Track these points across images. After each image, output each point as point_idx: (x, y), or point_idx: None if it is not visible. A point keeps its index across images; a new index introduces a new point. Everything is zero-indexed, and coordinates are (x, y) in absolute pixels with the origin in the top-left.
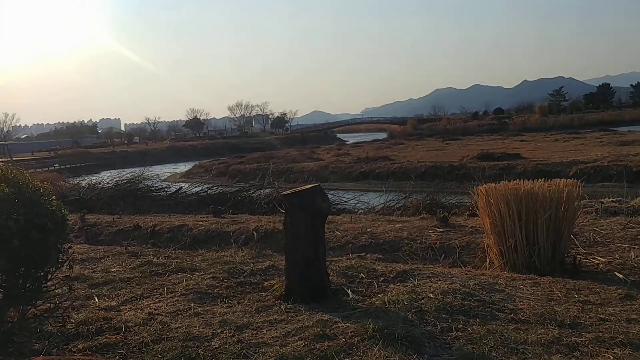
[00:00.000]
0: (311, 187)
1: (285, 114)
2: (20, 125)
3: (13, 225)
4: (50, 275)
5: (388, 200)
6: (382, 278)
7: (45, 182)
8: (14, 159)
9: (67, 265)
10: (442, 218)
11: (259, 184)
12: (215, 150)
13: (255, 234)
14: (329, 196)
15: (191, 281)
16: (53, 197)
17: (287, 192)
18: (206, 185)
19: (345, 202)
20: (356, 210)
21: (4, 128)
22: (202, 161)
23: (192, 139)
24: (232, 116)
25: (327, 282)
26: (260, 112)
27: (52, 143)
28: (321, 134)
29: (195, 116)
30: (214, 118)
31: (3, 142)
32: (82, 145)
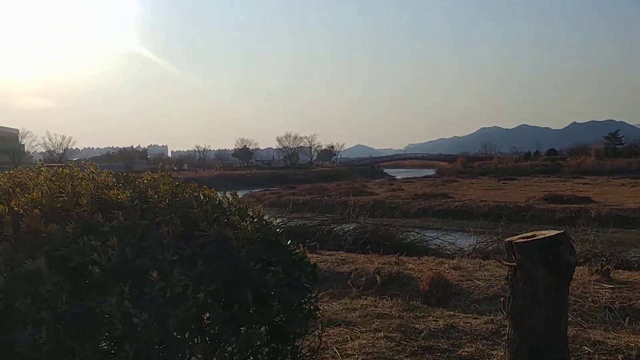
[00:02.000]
0: (554, 234)
1: (332, 146)
2: (72, 148)
3: (270, 281)
4: (300, 351)
5: (479, 241)
6: (620, 355)
7: None
8: None
9: (316, 333)
10: (604, 271)
11: (341, 217)
12: (264, 180)
13: (378, 277)
14: (413, 234)
15: (361, 341)
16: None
17: (518, 238)
18: (285, 217)
19: (428, 240)
20: (443, 250)
21: (59, 150)
22: (252, 190)
23: (240, 167)
24: (279, 147)
25: None
26: (307, 144)
27: (105, 167)
28: (368, 167)
29: (245, 145)
30: (258, 148)
31: (60, 164)
32: (134, 170)
